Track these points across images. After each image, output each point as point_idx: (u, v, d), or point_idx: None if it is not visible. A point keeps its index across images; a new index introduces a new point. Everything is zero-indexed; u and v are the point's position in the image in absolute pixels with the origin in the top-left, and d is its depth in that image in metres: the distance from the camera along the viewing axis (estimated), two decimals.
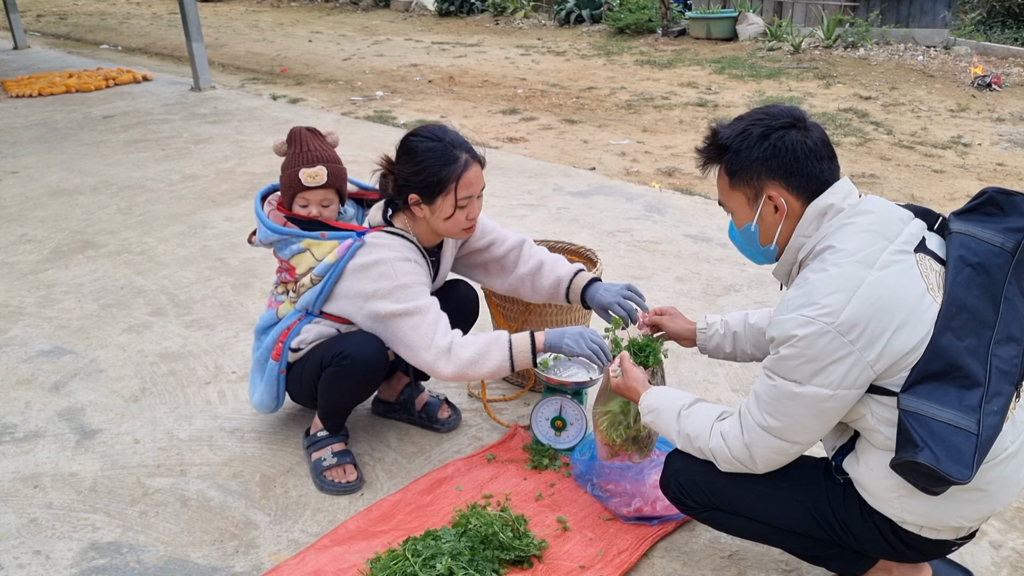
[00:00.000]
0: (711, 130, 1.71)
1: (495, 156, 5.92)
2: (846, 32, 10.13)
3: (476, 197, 2.23)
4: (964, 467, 1.43)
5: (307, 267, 2.27)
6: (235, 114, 7.34)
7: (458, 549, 1.95)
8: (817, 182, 1.62)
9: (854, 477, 1.68)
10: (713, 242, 4.17)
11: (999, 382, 1.50)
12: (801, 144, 1.61)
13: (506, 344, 2.18)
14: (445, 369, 2.17)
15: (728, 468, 1.73)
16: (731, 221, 1.79)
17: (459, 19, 14.49)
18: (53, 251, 4.18)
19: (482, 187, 2.24)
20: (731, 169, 1.67)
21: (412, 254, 2.26)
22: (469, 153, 2.20)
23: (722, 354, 2.14)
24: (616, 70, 9.68)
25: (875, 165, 5.79)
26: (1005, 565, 2.05)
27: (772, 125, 1.62)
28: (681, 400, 1.83)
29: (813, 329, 1.49)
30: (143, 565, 2.09)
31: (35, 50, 11.47)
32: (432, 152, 2.15)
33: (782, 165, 1.61)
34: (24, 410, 2.78)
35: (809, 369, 1.51)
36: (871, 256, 1.52)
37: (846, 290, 1.49)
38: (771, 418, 1.60)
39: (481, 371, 2.17)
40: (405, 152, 2.21)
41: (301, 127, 2.39)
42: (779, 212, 1.64)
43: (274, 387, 2.41)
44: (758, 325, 2.07)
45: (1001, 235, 1.57)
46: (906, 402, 1.48)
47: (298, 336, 2.33)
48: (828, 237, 1.58)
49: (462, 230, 2.26)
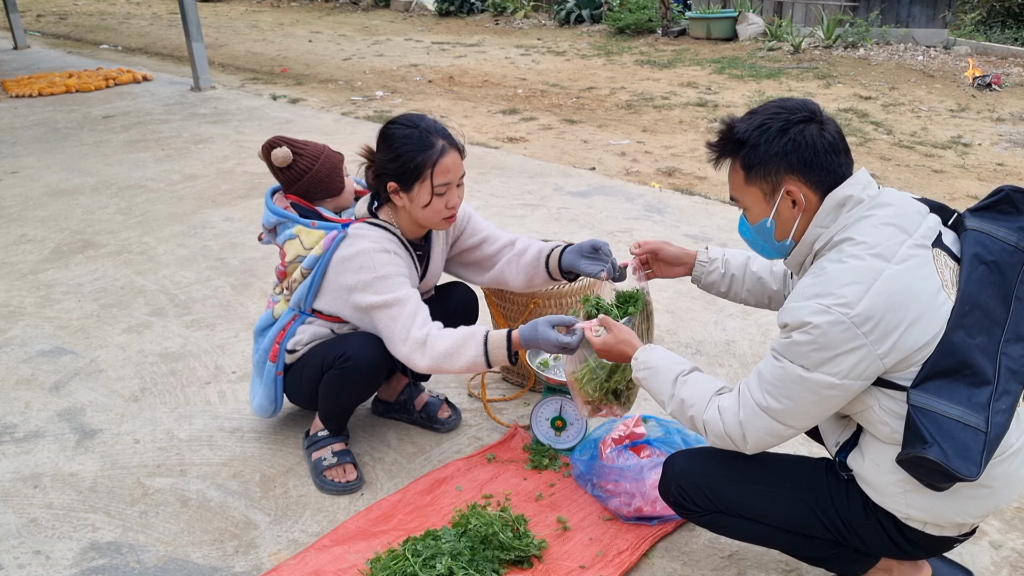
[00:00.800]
0: (726, 124, 1.69)
1: (495, 156, 5.92)
2: (846, 32, 10.13)
3: (456, 185, 2.20)
4: (972, 464, 1.43)
5: (295, 254, 2.29)
6: (235, 114, 7.34)
7: (458, 549, 1.95)
8: (835, 176, 1.61)
9: (858, 473, 1.68)
10: (713, 242, 4.17)
11: (1008, 381, 1.50)
12: (820, 138, 1.60)
13: (482, 339, 2.13)
14: (420, 361, 2.15)
15: (716, 443, 1.72)
16: (741, 217, 1.77)
17: (459, 19, 14.49)
18: (53, 251, 4.18)
19: (461, 175, 2.21)
20: (748, 164, 1.65)
21: (392, 245, 2.25)
22: (446, 140, 2.17)
23: (715, 291, 2.12)
24: (616, 70, 9.68)
25: (875, 165, 5.79)
26: (1005, 565, 2.05)
27: (791, 119, 1.61)
28: (680, 365, 1.82)
29: (828, 318, 1.48)
30: (143, 565, 2.08)
31: (35, 50, 11.47)
32: (408, 139, 2.14)
33: (801, 160, 1.60)
34: (24, 410, 2.78)
35: (819, 357, 1.51)
36: (890, 249, 1.52)
37: (864, 282, 1.49)
38: (772, 399, 1.60)
39: (456, 364, 2.14)
40: (383, 140, 2.20)
41: (272, 148, 2.42)
42: (797, 207, 1.63)
43: (272, 389, 2.42)
44: (759, 274, 2.06)
45: (1016, 234, 1.57)
46: (916, 398, 1.48)
47: (293, 337, 2.34)
48: (847, 228, 1.58)
49: (442, 219, 2.23)
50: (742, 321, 3.34)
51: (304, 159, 2.40)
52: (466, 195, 2.34)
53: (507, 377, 2.93)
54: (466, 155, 2.25)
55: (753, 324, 3.31)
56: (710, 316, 3.38)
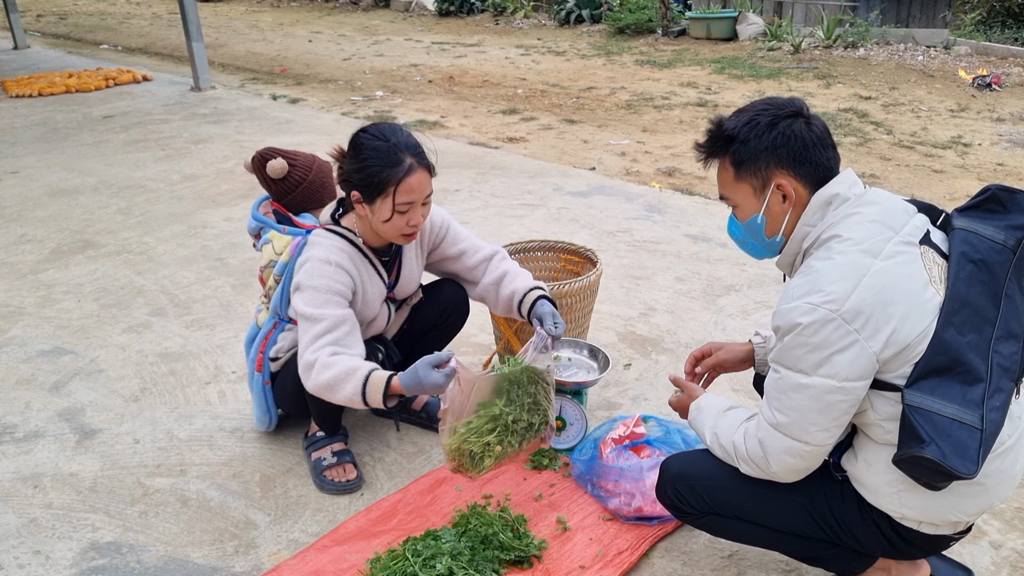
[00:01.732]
0: (714, 122, 1.70)
1: (495, 156, 5.92)
2: (846, 32, 10.12)
3: (420, 204, 2.14)
4: (969, 462, 1.43)
5: (268, 259, 2.32)
6: (235, 114, 7.34)
7: (458, 549, 1.95)
8: (823, 170, 1.63)
9: (852, 474, 1.68)
10: (713, 242, 4.17)
11: (1000, 378, 1.50)
12: (808, 132, 1.62)
13: (362, 379, 2.02)
14: (306, 383, 2.09)
15: (748, 471, 1.71)
16: (731, 216, 1.77)
17: (459, 19, 14.49)
18: (53, 251, 4.18)
19: (427, 194, 2.15)
20: (738, 159, 1.65)
21: (344, 257, 2.19)
22: (416, 157, 2.11)
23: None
24: (616, 70, 9.67)
25: (875, 165, 5.79)
26: (1005, 565, 2.05)
27: (779, 114, 1.63)
28: (726, 404, 1.84)
29: (818, 316, 1.49)
30: (143, 565, 2.09)
31: (35, 50, 11.47)
32: (377, 151, 2.09)
33: (791, 153, 1.61)
34: (24, 410, 2.78)
35: (814, 358, 1.51)
36: (876, 246, 1.53)
37: (851, 278, 1.49)
38: (779, 414, 1.59)
39: (334, 398, 2.05)
40: (352, 148, 2.15)
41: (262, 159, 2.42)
42: (787, 201, 1.64)
43: (263, 400, 2.44)
44: None
45: (1003, 232, 1.58)
46: (910, 397, 1.48)
47: (275, 345, 2.37)
48: (833, 226, 1.59)
49: (401, 235, 2.18)
50: (742, 321, 3.34)
51: (298, 170, 2.41)
52: (468, 196, 2.34)
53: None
54: (436, 173, 2.18)
55: (753, 324, 3.31)
56: (710, 316, 3.38)
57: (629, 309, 3.45)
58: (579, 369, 2.57)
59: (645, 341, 3.19)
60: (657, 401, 2.77)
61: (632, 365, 3.01)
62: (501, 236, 4.19)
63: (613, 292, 3.58)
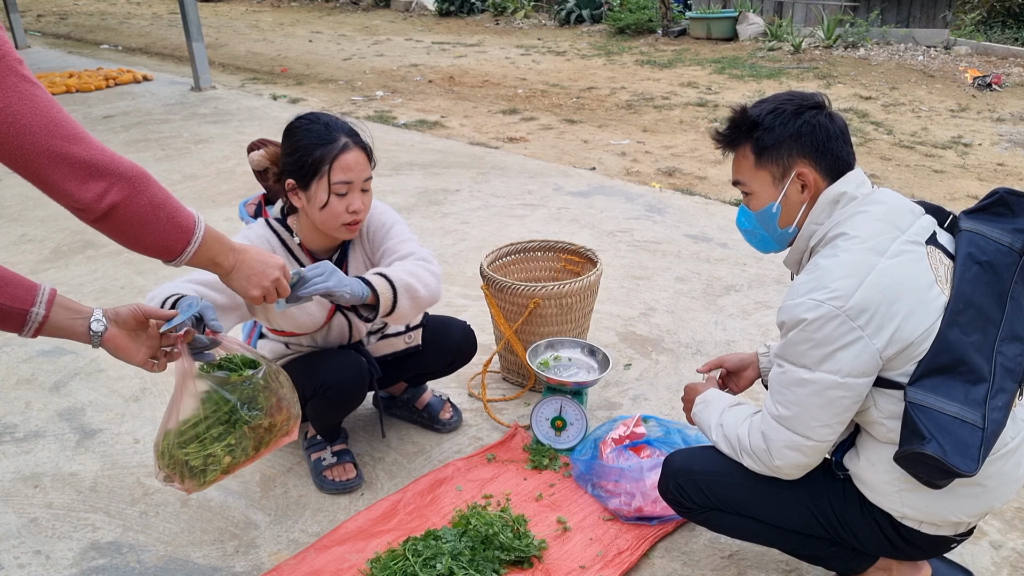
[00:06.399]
0: (738, 109, 1.71)
1: (495, 156, 5.92)
2: (846, 32, 10.13)
3: (359, 189, 2.05)
4: (970, 460, 1.44)
5: None
6: (235, 114, 7.34)
7: (458, 549, 1.95)
8: (842, 164, 1.64)
9: (854, 472, 1.68)
10: (713, 242, 4.17)
11: (1003, 379, 1.51)
12: (831, 124, 1.64)
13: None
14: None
15: (751, 464, 1.71)
16: (741, 207, 1.78)
17: (459, 19, 14.49)
18: (53, 251, 4.18)
19: (365, 178, 2.06)
20: (761, 146, 1.66)
21: (261, 244, 2.09)
22: (351, 137, 2.04)
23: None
24: (616, 70, 9.68)
25: (875, 165, 5.79)
26: (1005, 565, 2.05)
27: (803, 104, 1.65)
28: (732, 399, 1.85)
29: (822, 312, 1.50)
30: (143, 565, 2.09)
31: (35, 50, 11.46)
32: (309, 132, 2.02)
33: (814, 143, 1.63)
34: (24, 410, 2.78)
35: (818, 354, 1.52)
36: (882, 244, 1.54)
37: (857, 275, 1.50)
38: (782, 407, 1.60)
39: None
40: (285, 135, 2.08)
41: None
42: (805, 191, 1.65)
43: None
44: None
45: (1010, 235, 1.59)
46: (913, 395, 1.49)
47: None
48: (840, 224, 1.60)
49: (342, 224, 2.05)
50: (742, 321, 3.34)
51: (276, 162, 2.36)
52: (468, 196, 2.32)
53: (507, 377, 2.93)
54: (376, 163, 2.11)
55: (753, 324, 3.31)
56: (710, 316, 3.38)
57: (629, 309, 3.45)
58: (579, 369, 2.57)
59: (645, 341, 3.19)
60: (657, 401, 2.77)
61: (632, 365, 3.01)
62: (501, 236, 4.20)
63: (613, 292, 3.59)
